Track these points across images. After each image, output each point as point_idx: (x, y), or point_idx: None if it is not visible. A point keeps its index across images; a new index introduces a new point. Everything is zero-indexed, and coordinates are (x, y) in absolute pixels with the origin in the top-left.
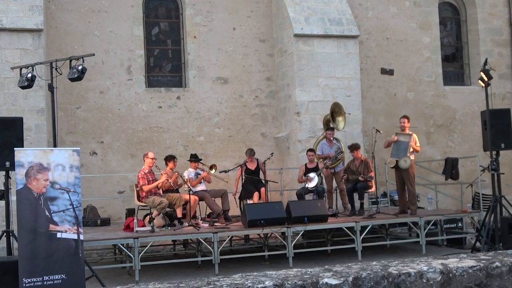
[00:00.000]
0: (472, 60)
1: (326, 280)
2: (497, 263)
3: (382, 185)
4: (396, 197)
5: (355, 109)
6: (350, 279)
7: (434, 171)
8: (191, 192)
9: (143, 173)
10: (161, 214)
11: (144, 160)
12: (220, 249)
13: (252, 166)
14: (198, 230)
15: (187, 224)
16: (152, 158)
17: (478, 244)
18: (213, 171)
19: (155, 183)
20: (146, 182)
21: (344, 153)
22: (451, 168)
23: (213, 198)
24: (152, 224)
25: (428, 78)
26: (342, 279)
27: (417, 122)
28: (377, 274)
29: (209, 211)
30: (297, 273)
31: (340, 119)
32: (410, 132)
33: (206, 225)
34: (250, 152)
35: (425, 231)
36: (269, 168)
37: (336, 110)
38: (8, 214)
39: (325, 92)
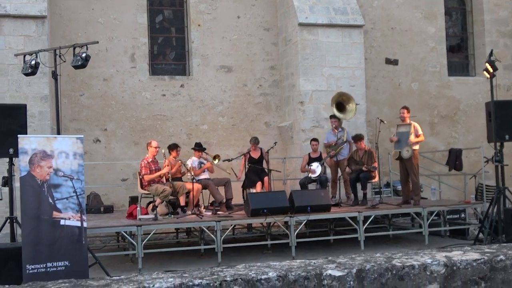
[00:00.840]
0: (477, 51)
1: (330, 271)
2: (502, 256)
3: (385, 175)
4: (399, 187)
5: (359, 99)
6: (354, 271)
7: (437, 162)
8: (194, 180)
9: (146, 162)
10: (164, 202)
11: (147, 149)
12: (223, 237)
13: (255, 154)
14: (201, 218)
15: (190, 213)
16: (155, 147)
17: (481, 235)
18: (216, 161)
19: (157, 174)
20: (148, 171)
21: (347, 143)
22: (454, 159)
23: (216, 187)
24: (155, 212)
25: (432, 68)
26: (345, 270)
27: (421, 112)
28: (381, 266)
29: (212, 199)
30: (300, 264)
31: (349, 108)
32: (410, 122)
33: (209, 213)
34: (255, 141)
35: (428, 222)
36: (272, 157)
37: (344, 99)
38: (11, 201)
39: (329, 81)
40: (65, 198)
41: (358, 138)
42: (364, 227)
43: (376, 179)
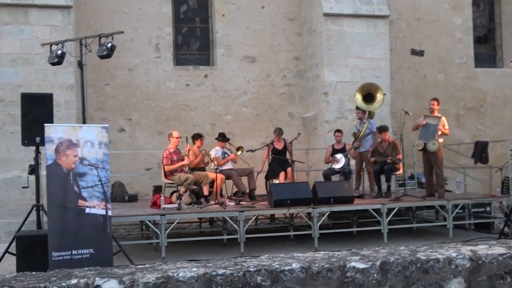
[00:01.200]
0: (505, 42)
1: (353, 264)
2: None
3: (410, 167)
4: (423, 180)
5: (384, 90)
6: (378, 263)
7: (463, 155)
8: (217, 170)
9: (167, 152)
10: (188, 191)
11: (169, 140)
12: (245, 228)
13: (279, 145)
14: (224, 208)
15: (214, 202)
16: (177, 137)
17: (506, 229)
18: (240, 153)
19: (177, 165)
20: (170, 161)
21: (371, 134)
22: (480, 152)
23: (239, 177)
24: (179, 201)
25: (459, 59)
26: (369, 263)
27: (447, 104)
28: (405, 259)
29: (235, 189)
30: (324, 256)
31: (377, 98)
32: (439, 115)
33: (232, 203)
34: (279, 131)
35: (453, 215)
36: (296, 148)
37: (372, 89)
38: (38, 189)
39: (354, 72)
40: (90, 187)
41: (382, 129)
42: (388, 219)
43: (401, 171)
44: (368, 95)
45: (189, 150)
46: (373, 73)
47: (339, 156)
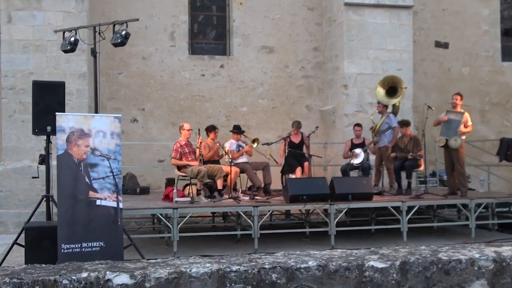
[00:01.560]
0: None
1: (372, 263)
2: None
3: (431, 164)
4: (445, 177)
5: (406, 84)
6: (398, 263)
7: (487, 152)
8: (232, 163)
9: (178, 144)
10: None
11: (180, 132)
12: (260, 223)
13: (296, 139)
14: (238, 203)
15: (227, 197)
16: (188, 130)
17: None
18: (255, 145)
19: (184, 162)
20: (178, 155)
21: (391, 130)
22: (506, 149)
23: (254, 171)
24: (199, 196)
25: (485, 53)
26: (388, 262)
27: (471, 99)
28: (426, 259)
29: (250, 183)
30: (341, 254)
31: (400, 92)
32: (462, 110)
33: (247, 198)
34: (297, 124)
35: (476, 214)
36: (313, 142)
37: (395, 82)
38: (48, 179)
39: (375, 64)
40: (101, 178)
41: (404, 124)
42: (408, 217)
43: (422, 168)
44: (392, 88)
45: (200, 143)
46: (395, 65)
47: (358, 151)
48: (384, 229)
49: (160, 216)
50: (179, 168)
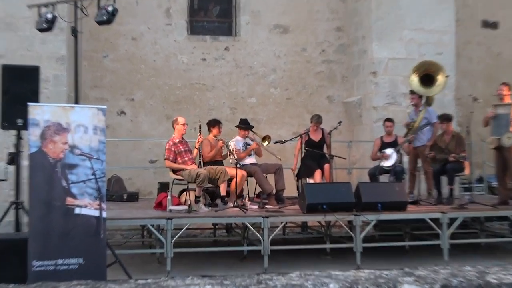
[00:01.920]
0: None
1: (406, 286)
2: None
3: (478, 167)
4: (495, 184)
5: (447, 71)
6: (437, 286)
7: None
8: (238, 165)
9: (171, 143)
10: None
11: (173, 128)
12: (271, 237)
13: (315, 136)
14: (245, 212)
15: (232, 205)
16: (183, 124)
17: None
18: (266, 143)
19: (179, 166)
20: (172, 155)
21: (430, 126)
22: None
23: (264, 174)
24: (198, 205)
25: None
26: (426, 286)
27: None
28: (471, 283)
29: (259, 189)
30: (369, 276)
31: (438, 81)
32: (511, 102)
33: (255, 207)
34: (317, 119)
35: None
36: (335, 140)
37: (433, 70)
38: (18, 183)
39: (410, 48)
40: (81, 182)
41: (445, 118)
42: (449, 232)
43: (467, 171)
44: (426, 77)
45: (201, 142)
46: (434, 49)
47: (389, 151)
48: (421, 246)
49: (151, 228)
50: (175, 171)
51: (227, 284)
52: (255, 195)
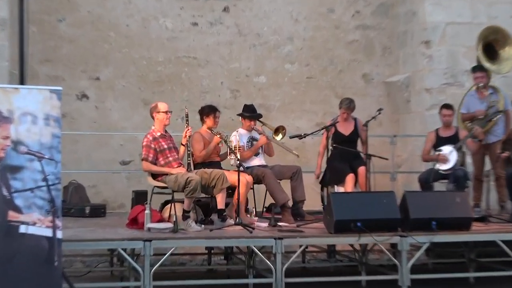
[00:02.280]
0: None
1: None
2: None
3: None
4: None
5: None
6: None
7: None
8: (241, 168)
9: (150, 138)
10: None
11: (153, 117)
12: (286, 266)
13: (346, 129)
14: (251, 232)
15: (233, 222)
16: (166, 112)
17: None
18: (279, 138)
19: (161, 169)
20: (151, 154)
21: (502, 114)
22: None
23: (278, 180)
24: (188, 222)
25: None
26: None
27: None
28: None
29: (270, 201)
30: None
31: (505, 54)
32: None
33: (265, 224)
34: (349, 105)
35: None
36: (374, 134)
37: (498, 40)
38: None
39: (476, 8)
40: (28, 190)
41: None
42: None
43: None
44: (489, 48)
45: (189, 137)
46: (508, 11)
47: (447, 149)
48: (491, 278)
49: (123, 253)
50: (155, 175)
51: None
52: (265, 209)
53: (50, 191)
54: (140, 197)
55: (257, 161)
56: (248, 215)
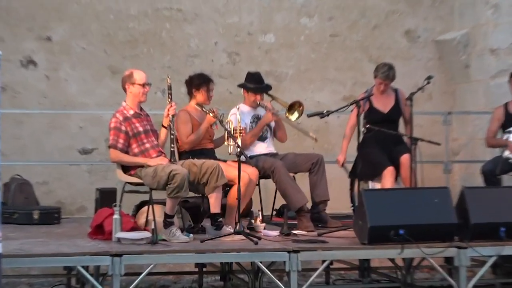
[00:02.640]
0: None
1: None
2: None
3: None
4: None
5: None
6: None
7: None
8: (243, 158)
9: (121, 118)
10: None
11: (124, 90)
12: None
13: (384, 104)
14: (256, 244)
15: (232, 230)
16: (142, 85)
17: None
18: (294, 117)
19: (137, 159)
20: (122, 139)
21: None
22: None
23: (292, 174)
24: (170, 228)
25: None
26: None
27: None
28: None
29: (281, 201)
30: None
31: None
32: None
33: (274, 233)
34: (387, 72)
35: None
36: (421, 111)
37: None
38: None
39: None
40: None
41: None
42: None
43: None
44: None
45: (173, 116)
46: None
47: None
48: None
49: (84, 272)
50: (127, 168)
51: None
52: (274, 212)
53: None
54: (106, 197)
55: (264, 148)
56: (253, 221)
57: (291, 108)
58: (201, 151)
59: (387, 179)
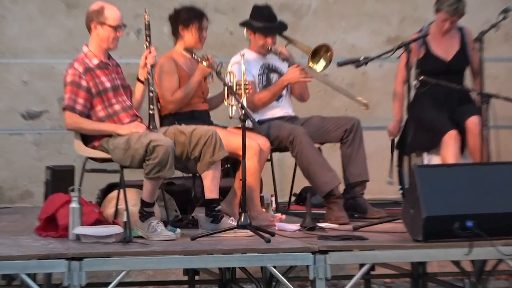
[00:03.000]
0: None
1: None
2: None
3: None
4: None
5: None
6: None
7: None
8: (249, 123)
9: (80, 69)
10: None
11: (89, 30)
12: None
13: (446, 49)
14: (268, 241)
15: (234, 223)
16: (114, 27)
17: None
18: (320, 67)
19: (103, 126)
20: (82, 99)
21: None
22: None
23: (317, 146)
24: (148, 221)
25: None
26: None
27: None
28: None
29: (303, 183)
30: None
31: None
32: None
33: (294, 227)
34: (455, 5)
35: None
36: (496, 56)
37: None
38: None
39: None
40: None
41: None
42: None
43: None
44: None
45: (152, 66)
46: None
47: None
48: None
49: (30, 282)
50: (89, 138)
51: None
52: (293, 198)
53: None
54: (60, 179)
55: (278, 111)
56: (264, 210)
57: (315, 54)
58: (191, 114)
59: (450, 148)
